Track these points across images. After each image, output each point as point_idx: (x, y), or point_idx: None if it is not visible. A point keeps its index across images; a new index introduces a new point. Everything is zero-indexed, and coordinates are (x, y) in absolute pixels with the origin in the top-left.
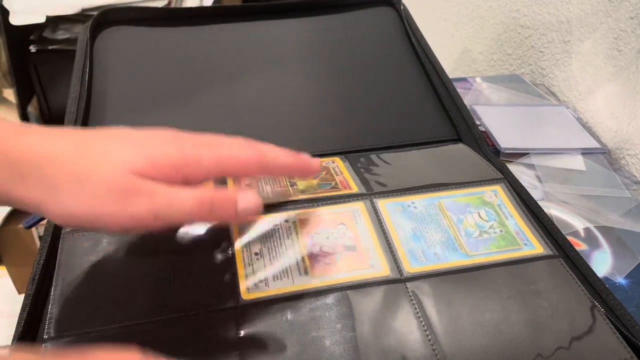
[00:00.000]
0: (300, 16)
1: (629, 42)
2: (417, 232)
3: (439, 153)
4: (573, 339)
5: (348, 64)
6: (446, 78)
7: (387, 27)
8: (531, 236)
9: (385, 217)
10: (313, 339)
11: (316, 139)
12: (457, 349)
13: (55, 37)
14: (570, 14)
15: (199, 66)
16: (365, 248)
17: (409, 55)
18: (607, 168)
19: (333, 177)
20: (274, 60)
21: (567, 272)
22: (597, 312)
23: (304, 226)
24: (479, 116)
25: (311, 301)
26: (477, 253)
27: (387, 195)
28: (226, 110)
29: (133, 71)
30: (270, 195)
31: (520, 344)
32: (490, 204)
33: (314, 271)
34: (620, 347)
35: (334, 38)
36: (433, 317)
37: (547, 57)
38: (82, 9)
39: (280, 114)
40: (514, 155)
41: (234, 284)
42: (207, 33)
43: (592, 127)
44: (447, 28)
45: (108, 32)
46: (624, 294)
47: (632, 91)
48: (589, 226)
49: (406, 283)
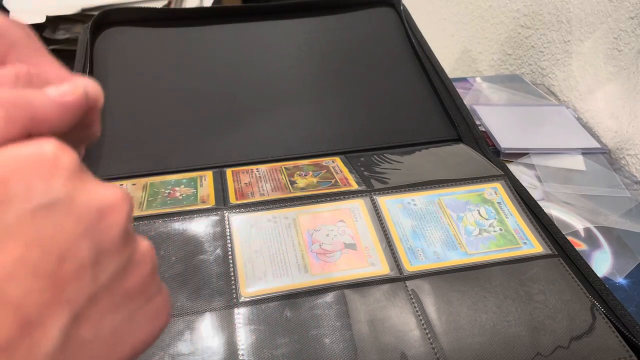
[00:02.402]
0: (300, 16)
1: (629, 42)
2: (417, 230)
3: (439, 152)
4: (572, 338)
5: (348, 64)
6: (446, 78)
7: (387, 28)
8: (531, 235)
9: (385, 215)
10: (313, 337)
11: (316, 139)
12: (457, 347)
13: (55, 37)
14: (570, 14)
15: (199, 66)
16: (365, 246)
17: (409, 55)
18: (607, 168)
19: (333, 175)
20: (274, 60)
21: (567, 271)
22: (597, 312)
23: (303, 223)
24: (479, 116)
25: (311, 299)
26: (476, 252)
27: (387, 192)
28: (226, 110)
29: (133, 71)
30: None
31: (520, 343)
32: (490, 202)
33: (313, 269)
34: (620, 347)
35: (334, 38)
36: (432, 315)
37: (547, 57)
38: (82, 9)
39: (280, 114)
40: (514, 155)
41: (234, 282)
42: (207, 33)
43: (592, 127)
44: (447, 28)
45: (108, 32)
46: (624, 294)
47: (632, 91)
48: (589, 226)
49: (406, 281)
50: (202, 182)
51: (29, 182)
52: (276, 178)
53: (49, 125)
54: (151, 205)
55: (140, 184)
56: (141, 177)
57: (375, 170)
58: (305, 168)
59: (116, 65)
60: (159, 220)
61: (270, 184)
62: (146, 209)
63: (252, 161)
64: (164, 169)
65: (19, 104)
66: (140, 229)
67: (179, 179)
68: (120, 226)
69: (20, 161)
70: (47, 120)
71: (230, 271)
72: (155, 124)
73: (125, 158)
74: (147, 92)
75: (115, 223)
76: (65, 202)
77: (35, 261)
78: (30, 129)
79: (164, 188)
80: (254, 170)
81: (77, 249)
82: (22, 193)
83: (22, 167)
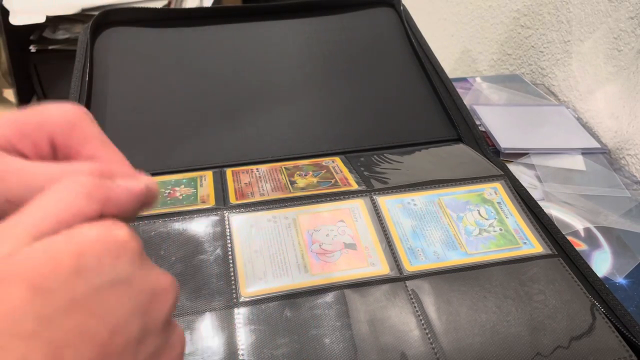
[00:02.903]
0: (300, 17)
1: (629, 42)
2: (416, 230)
3: (439, 152)
4: (572, 338)
5: (348, 65)
6: (446, 78)
7: (387, 28)
8: (531, 235)
9: (385, 215)
10: (313, 337)
11: (316, 139)
12: (457, 347)
13: (55, 37)
14: (570, 14)
15: (199, 66)
16: (365, 246)
17: (409, 55)
18: (607, 168)
19: (333, 175)
20: (273, 60)
21: (567, 271)
22: (597, 312)
23: (303, 223)
24: (479, 116)
25: (311, 299)
26: (476, 252)
27: (387, 192)
28: (226, 109)
29: (133, 71)
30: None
31: (520, 343)
32: (490, 202)
33: (313, 269)
34: (620, 347)
35: (334, 38)
36: (432, 315)
37: (547, 57)
38: (82, 9)
39: (280, 114)
40: (514, 155)
41: (234, 282)
42: (207, 33)
43: (592, 127)
44: (447, 28)
45: (108, 32)
46: (624, 294)
47: (632, 91)
48: (589, 226)
49: (406, 282)
50: (202, 182)
51: (101, 259)
52: (276, 178)
53: (119, 209)
54: None
55: None
56: None
57: (375, 170)
58: (305, 168)
59: (116, 65)
60: (159, 220)
61: (270, 184)
62: None
63: (252, 161)
64: (163, 168)
65: (99, 187)
66: (140, 229)
67: (179, 179)
68: (167, 310)
69: (97, 239)
70: (118, 205)
71: (230, 271)
72: (155, 123)
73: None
74: (147, 92)
75: (163, 306)
76: (127, 281)
77: (93, 331)
78: (104, 210)
79: (164, 188)
80: (254, 170)
81: (129, 325)
82: (94, 267)
83: (97, 244)
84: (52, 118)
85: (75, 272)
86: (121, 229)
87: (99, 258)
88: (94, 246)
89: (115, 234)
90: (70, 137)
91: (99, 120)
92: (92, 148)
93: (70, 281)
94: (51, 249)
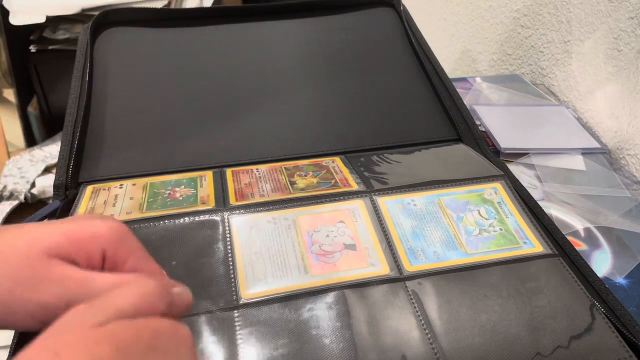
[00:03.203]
0: (300, 17)
1: (629, 42)
2: (416, 230)
3: (439, 152)
4: (572, 338)
5: (348, 65)
6: (446, 78)
7: (387, 28)
8: (531, 235)
9: (385, 215)
10: (313, 337)
11: (316, 139)
12: (457, 347)
13: (55, 37)
14: (570, 14)
15: (199, 66)
16: (365, 246)
17: (409, 55)
18: (607, 168)
19: (332, 175)
20: (273, 60)
21: (567, 271)
22: (597, 312)
23: (303, 224)
24: (479, 116)
25: (311, 300)
26: (476, 252)
27: (387, 193)
28: (226, 110)
29: (133, 71)
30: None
31: (520, 343)
32: (490, 202)
33: (313, 270)
34: (620, 347)
35: (334, 38)
36: (432, 315)
37: (547, 57)
38: (82, 9)
39: (280, 114)
40: (514, 155)
41: (234, 284)
42: (206, 33)
43: (592, 127)
44: (447, 28)
45: (108, 32)
46: (624, 294)
47: (632, 91)
48: (589, 226)
49: (406, 282)
50: (202, 182)
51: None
52: (276, 178)
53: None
54: (151, 206)
55: (140, 184)
56: (141, 177)
57: (375, 171)
58: (305, 168)
59: (116, 65)
60: (160, 222)
61: (270, 185)
62: (146, 211)
63: (252, 161)
64: (164, 168)
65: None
66: (141, 232)
67: (179, 179)
68: None
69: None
70: (176, 309)
71: (230, 273)
72: (155, 123)
73: (125, 158)
74: (147, 92)
75: None
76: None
77: None
78: (167, 310)
79: (164, 188)
80: (254, 171)
81: None
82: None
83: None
84: (102, 232)
85: (150, 346)
86: (185, 326)
87: (169, 341)
88: (166, 332)
89: (181, 328)
90: (118, 250)
91: (99, 120)
92: (135, 260)
93: (145, 352)
94: (135, 325)
